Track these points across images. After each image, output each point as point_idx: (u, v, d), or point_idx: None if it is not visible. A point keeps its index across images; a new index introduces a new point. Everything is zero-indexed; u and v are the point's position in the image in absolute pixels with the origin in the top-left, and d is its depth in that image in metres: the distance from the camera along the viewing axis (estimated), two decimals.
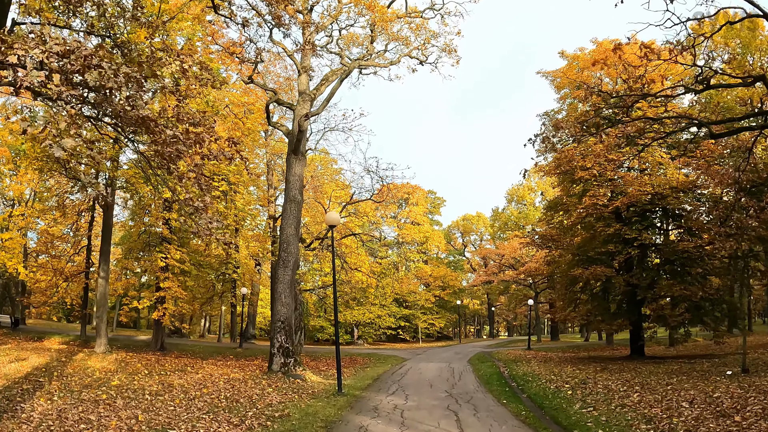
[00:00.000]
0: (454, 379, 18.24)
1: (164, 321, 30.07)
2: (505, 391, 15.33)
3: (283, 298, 19.99)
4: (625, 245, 22.47)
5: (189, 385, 16.85)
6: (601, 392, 14.31)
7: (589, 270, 21.68)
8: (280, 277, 20.31)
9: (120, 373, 20.05)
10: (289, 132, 23.79)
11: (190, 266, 32.09)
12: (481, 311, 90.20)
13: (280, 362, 19.12)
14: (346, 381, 17.80)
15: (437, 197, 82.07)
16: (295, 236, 21.12)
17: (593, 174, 22.74)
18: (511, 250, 57.40)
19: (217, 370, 22.17)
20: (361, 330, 59.15)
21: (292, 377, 18.07)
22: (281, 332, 19.48)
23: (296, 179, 22.24)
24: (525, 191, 67.96)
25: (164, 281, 29.99)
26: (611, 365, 21.92)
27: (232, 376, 19.21)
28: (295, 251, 20.85)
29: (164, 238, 30.67)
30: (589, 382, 16.12)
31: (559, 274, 26.16)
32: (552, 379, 17.49)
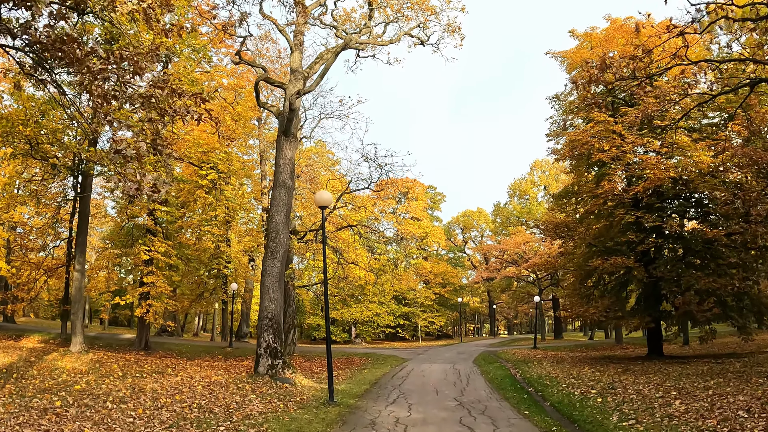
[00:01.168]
0: (462, 384, 16.21)
1: (148, 318, 28.08)
2: (522, 398, 13.30)
3: (271, 293, 17.96)
4: (647, 234, 20.48)
5: (162, 390, 14.87)
6: (635, 399, 12.31)
7: (608, 261, 19.63)
8: (268, 270, 18.29)
9: (91, 374, 18.15)
10: (279, 113, 21.79)
11: (176, 260, 30.12)
12: (481, 309, 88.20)
13: (266, 364, 17.09)
14: (340, 386, 15.78)
15: (437, 192, 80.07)
16: (284, 225, 19.10)
17: (612, 156, 20.71)
18: (515, 245, 55.36)
19: (200, 372, 20.25)
20: (359, 328, 57.06)
21: (280, 381, 16.05)
22: (269, 331, 17.46)
23: (287, 163, 20.23)
24: (528, 185, 65.96)
25: (148, 276, 28.02)
26: (632, 366, 19.94)
27: (213, 380, 17.23)
28: (284, 241, 18.84)
29: (149, 230, 28.69)
30: (617, 387, 14.12)
31: (572, 266, 24.14)
32: (573, 383, 15.48)
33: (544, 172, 66.46)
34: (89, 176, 25.50)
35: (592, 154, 21.45)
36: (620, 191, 20.53)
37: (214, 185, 30.44)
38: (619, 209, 20.57)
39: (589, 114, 23.44)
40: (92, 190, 26.54)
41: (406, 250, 65.19)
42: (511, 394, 13.95)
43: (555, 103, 27.76)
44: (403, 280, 62.33)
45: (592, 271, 22.02)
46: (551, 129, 27.13)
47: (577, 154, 22.40)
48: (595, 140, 21.27)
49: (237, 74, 33.43)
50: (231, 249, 36.62)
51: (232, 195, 30.90)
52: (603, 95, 24.92)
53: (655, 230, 21.92)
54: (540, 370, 19.57)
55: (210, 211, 30.60)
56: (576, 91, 26.81)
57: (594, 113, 22.45)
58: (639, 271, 20.11)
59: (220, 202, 30.66)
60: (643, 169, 20.80)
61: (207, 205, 31.68)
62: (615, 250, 20.78)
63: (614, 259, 19.71)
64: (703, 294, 19.64)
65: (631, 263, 19.79)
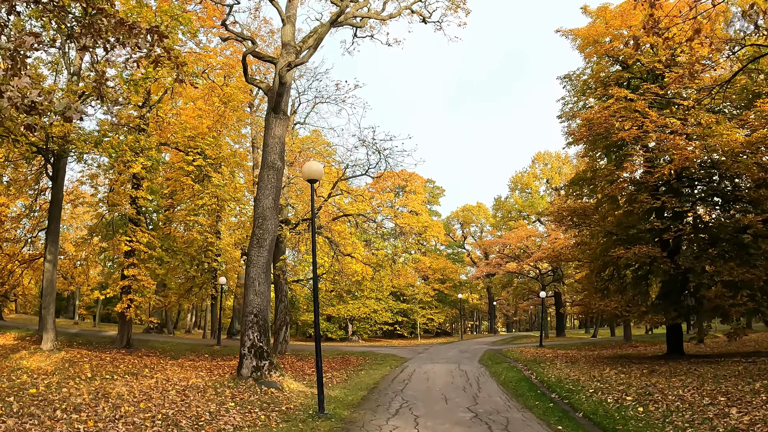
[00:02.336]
0: (473, 389, 14.23)
1: (129, 314, 26.10)
2: (548, 407, 11.31)
3: (256, 285, 15.96)
4: (673, 220, 18.54)
5: (130, 395, 12.88)
6: (682, 408, 10.38)
7: (631, 250, 17.67)
8: (253, 259, 16.28)
9: (56, 376, 16.19)
10: (269, 88, 19.80)
11: (161, 252, 28.08)
12: (480, 306, 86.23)
13: (251, 366, 15.10)
14: (333, 391, 13.79)
15: (436, 186, 77.96)
16: (273, 209, 17.10)
17: (634, 136, 18.76)
18: (517, 239, 53.35)
19: (180, 373, 18.32)
20: (355, 325, 54.95)
21: (265, 386, 14.06)
22: (254, 328, 15.47)
23: (276, 142, 18.23)
24: (530, 178, 64.01)
25: (129, 268, 26.03)
26: (656, 366, 18.03)
27: (191, 383, 15.25)
28: (272, 228, 16.83)
29: (130, 219, 26.68)
30: (654, 393, 12.19)
31: (586, 258, 22.16)
32: (600, 387, 13.53)
33: (547, 164, 64.56)
34: (62, 158, 23.44)
35: (611, 133, 19.48)
36: (643, 174, 18.58)
37: (201, 172, 28.39)
38: (642, 194, 18.61)
39: (607, 91, 21.51)
40: (65, 173, 24.39)
41: (405, 244, 63.02)
42: (532, 401, 11.97)
43: (567, 84, 25.77)
44: (401, 276, 60.32)
45: (610, 263, 20.09)
46: (563, 110, 25.17)
47: (593, 135, 20.40)
48: (615, 119, 19.33)
49: (226, 55, 31.35)
50: (221, 242, 34.62)
51: (220, 183, 28.82)
52: (619, 73, 23.01)
53: (679, 217, 20.02)
54: (557, 371, 17.63)
55: (197, 200, 28.52)
56: (591, 68, 24.94)
57: (613, 89, 20.52)
58: (664, 262, 18.15)
59: (208, 190, 28.60)
60: (667, 150, 18.88)
61: (194, 194, 29.65)
62: (638, 238, 18.84)
63: (638, 248, 17.75)
64: (732, 287, 17.76)
65: (657, 252, 17.83)
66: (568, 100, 25.11)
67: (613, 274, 21.89)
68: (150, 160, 25.16)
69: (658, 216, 20.80)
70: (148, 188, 27.32)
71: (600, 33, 23.77)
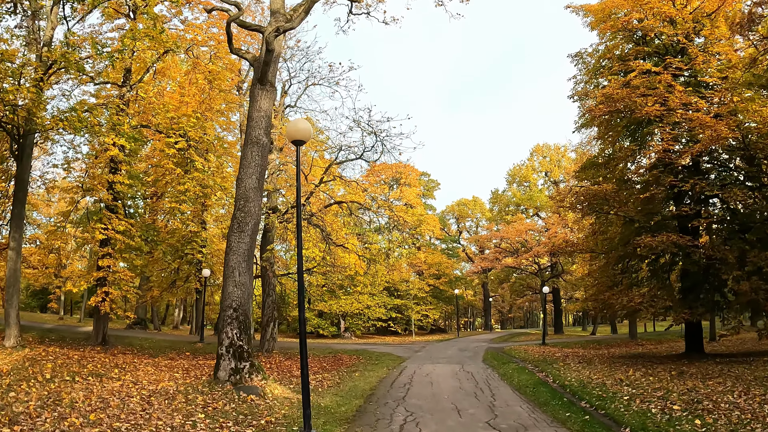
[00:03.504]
0: (486, 396, 12.27)
1: (104, 308, 23.99)
2: (583, 420, 9.34)
3: (236, 276, 13.97)
4: (702, 205, 16.72)
5: (86, 401, 10.94)
6: (744, 418, 8.58)
7: (657, 238, 15.79)
8: (233, 246, 14.29)
9: (9, 377, 14.18)
10: (255, 59, 17.77)
11: (139, 241, 25.98)
12: (474, 302, 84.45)
13: (229, 368, 13.11)
14: (323, 399, 11.81)
15: (431, 180, 75.94)
16: (256, 190, 15.10)
17: (659, 113, 16.89)
18: (516, 233, 51.48)
19: (153, 374, 16.40)
20: (348, 321, 52.89)
21: (244, 392, 12.09)
22: (233, 324, 13.48)
23: (261, 116, 16.21)
24: (528, 171, 62.10)
25: (104, 258, 23.98)
26: (683, 367, 16.21)
27: (160, 387, 13.32)
28: (255, 210, 14.84)
29: (107, 206, 24.65)
30: (701, 400, 10.36)
31: (603, 248, 20.25)
32: (633, 393, 11.64)
33: (545, 157, 62.72)
34: (29, 135, 21.27)
35: (633, 111, 17.59)
36: (669, 155, 16.72)
37: (183, 155, 26.30)
38: (668, 176, 16.75)
39: (626, 66, 19.63)
40: (32, 152, 22.29)
41: (402, 235, 60.80)
42: (562, 413, 10.01)
43: (578, 62, 23.79)
44: (395, 271, 58.36)
45: (630, 253, 18.23)
46: (575, 89, 23.24)
47: (612, 113, 18.53)
48: (636, 95, 17.45)
49: (213, 33, 29.23)
50: (207, 232, 32.59)
51: (204, 168, 26.72)
52: (637, 48, 21.13)
53: (704, 202, 18.22)
54: (574, 373, 15.76)
55: (179, 186, 26.41)
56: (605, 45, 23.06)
57: (634, 63, 18.64)
58: (694, 252, 16.29)
59: (191, 175, 26.51)
60: (692, 129, 17.04)
61: (176, 180, 27.56)
62: (662, 225, 17.00)
63: (665, 235, 15.87)
64: None
65: (685, 241, 15.95)
66: (580, 79, 23.18)
67: (629, 265, 20.06)
68: (130, 141, 23.22)
69: (677, 201, 19.01)
70: (127, 173, 25.26)
71: (617, 4, 21.85)
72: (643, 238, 16.01)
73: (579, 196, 18.95)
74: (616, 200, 17.63)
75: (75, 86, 24.72)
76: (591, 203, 18.44)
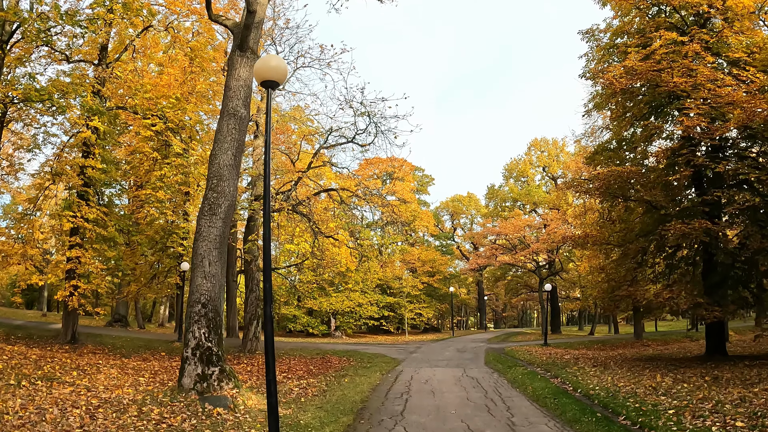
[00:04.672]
0: (500, 409, 10.26)
1: (72, 303, 21.90)
2: None
3: (206, 266, 11.92)
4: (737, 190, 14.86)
5: (17, 413, 8.99)
6: None
7: (690, 225, 13.88)
8: (203, 231, 12.23)
9: None
10: (236, 25, 15.73)
11: (113, 231, 23.87)
12: (468, 301, 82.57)
13: (195, 374, 11.05)
14: (305, 414, 9.73)
15: (425, 175, 73.92)
16: (232, 167, 13.06)
17: (688, 86, 15.00)
18: (514, 229, 49.56)
19: (114, 378, 14.42)
20: (339, 320, 50.78)
21: (211, 403, 10.06)
22: (200, 322, 11.44)
23: (240, 85, 14.17)
24: (526, 166, 60.22)
25: (72, 249, 21.92)
26: (715, 372, 14.30)
27: (115, 395, 11.33)
28: (230, 191, 12.81)
29: (78, 193, 22.61)
30: (764, 413, 8.47)
31: (618, 240, 18.29)
32: (676, 405, 9.72)
33: (543, 151, 60.92)
34: None
35: (658, 84, 15.68)
36: (700, 133, 14.83)
37: (161, 138, 24.22)
38: (699, 157, 14.84)
39: (646, 39, 17.72)
40: None
41: (396, 228, 58.59)
42: None
43: (590, 40, 21.88)
44: (388, 268, 56.34)
45: (652, 245, 16.34)
46: (586, 69, 21.31)
47: (631, 91, 16.62)
48: (662, 66, 15.55)
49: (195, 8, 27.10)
50: (190, 224, 30.43)
51: (183, 152, 24.62)
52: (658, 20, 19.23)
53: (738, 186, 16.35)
54: (594, 379, 13.83)
55: (155, 171, 24.29)
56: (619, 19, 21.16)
57: (657, 33, 16.73)
58: (727, 244, 14.42)
59: (168, 159, 24.41)
60: (720, 106, 15.15)
61: (153, 165, 25.47)
62: (692, 212, 15.12)
63: (697, 222, 13.96)
64: None
65: (720, 229, 14.05)
66: (593, 56, 21.26)
67: (644, 259, 18.17)
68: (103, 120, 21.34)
69: (699, 186, 17.16)
70: (100, 157, 23.19)
71: None
72: (674, 224, 14.08)
73: (595, 181, 16.96)
74: (641, 183, 15.70)
75: (48, 64, 22.93)
76: (610, 187, 16.50)
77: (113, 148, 27.57)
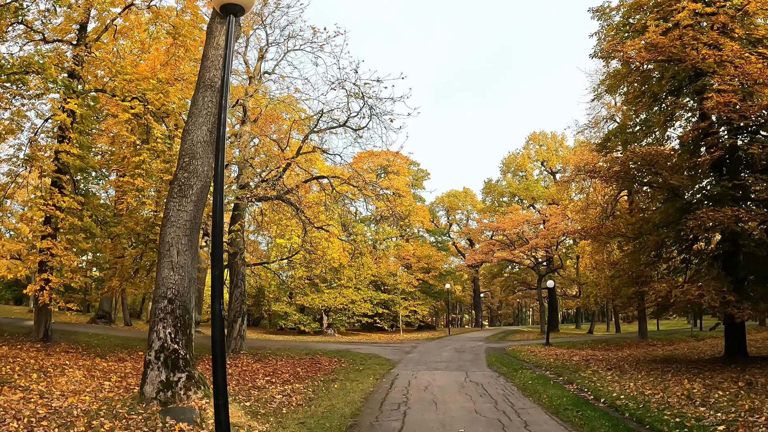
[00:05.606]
0: (516, 426, 8.58)
1: (42, 298, 20.26)
2: None
3: (174, 255, 10.30)
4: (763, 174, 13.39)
5: None
6: None
7: (720, 212, 12.39)
8: (171, 216, 10.61)
9: None
10: None
11: (89, 222, 22.25)
12: (463, 298, 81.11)
13: (158, 381, 9.45)
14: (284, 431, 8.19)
15: (420, 169, 72.24)
16: (207, 145, 11.44)
17: (715, 62, 13.52)
18: (513, 224, 48.03)
19: (77, 382, 12.94)
20: (331, 317, 49.11)
21: (174, 416, 8.46)
22: (166, 320, 9.84)
23: (219, 54, 12.54)
24: (524, 160, 58.74)
25: (43, 240, 20.35)
26: (746, 376, 12.90)
27: (68, 403, 9.86)
28: (203, 170, 11.19)
29: (52, 180, 21.09)
30: None
31: (634, 232, 16.78)
32: (724, 420, 8.23)
33: (542, 145, 59.47)
34: None
35: (682, 59, 14.17)
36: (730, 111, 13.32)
37: (140, 122, 22.51)
38: (731, 138, 13.36)
39: (666, 11, 16.19)
40: None
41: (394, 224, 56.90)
42: None
43: (600, 18, 20.38)
44: (382, 264, 54.73)
45: (673, 235, 14.84)
46: (598, 48, 19.78)
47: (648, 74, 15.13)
48: (687, 41, 14.05)
49: None
50: None
51: (163, 137, 22.91)
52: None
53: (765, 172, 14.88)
54: (615, 386, 12.29)
55: (134, 157, 22.59)
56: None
57: (679, 4, 15.21)
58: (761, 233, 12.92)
59: (148, 145, 22.71)
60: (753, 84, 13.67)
61: (133, 152, 23.80)
62: (722, 198, 13.64)
63: (729, 209, 12.46)
64: None
65: (753, 217, 12.55)
66: (604, 35, 19.75)
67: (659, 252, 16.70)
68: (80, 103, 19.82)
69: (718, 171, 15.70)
70: (77, 142, 21.62)
71: None
72: (705, 211, 12.58)
73: (614, 165, 15.38)
74: (665, 167, 14.15)
75: (25, 44, 21.43)
76: (629, 172, 14.95)
77: (95, 137, 26.04)
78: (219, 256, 5.09)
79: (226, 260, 23.50)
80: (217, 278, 4.81)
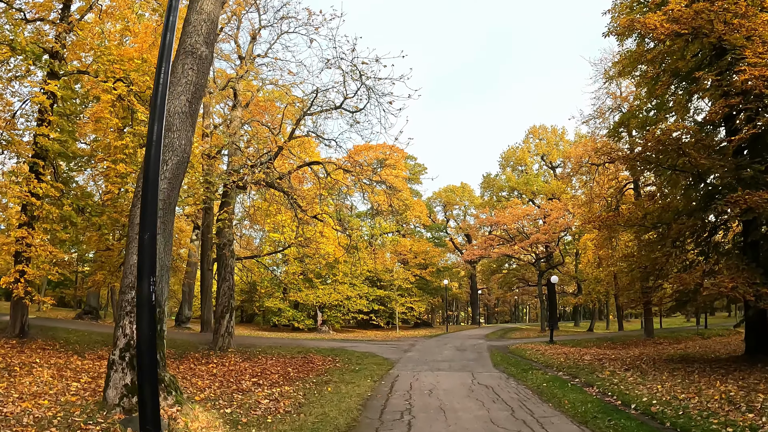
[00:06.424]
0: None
1: (16, 291, 18.85)
2: None
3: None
4: None
5: None
6: None
7: (756, 196, 11.15)
8: (141, 195, 9.27)
9: None
10: None
11: (69, 210, 20.87)
12: (460, 295, 79.86)
13: (122, 384, 8.13)
14: None
15: (417, 164, 70.80)
16: (185, 116, 10.11)
17: (745, 35, 12.26)
18: (513, 218, 46.78)
19: (42, 383, 11.64)
20: (326, 314, 47.73)
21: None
22: (133, 314, 8.54)
23: (202, 19, 11.22)
24: (524, 154, 57.50)
25: (19, 229, 19.00)
26: None
27: (23, 407, 8.66)
28: (180, 144, 9.87)
29: (31, 167, 19.75)
30: None
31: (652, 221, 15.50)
32: None
33: (542, 139, 58.25)
34: None
35: (707, 34, 12.91)
36: None
37: (123, 104, 21.14)
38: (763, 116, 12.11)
39: None
40: None
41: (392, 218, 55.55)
42: None
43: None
44: (378, 259, 53.40)
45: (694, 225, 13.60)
46: (612, 25, 18.53)
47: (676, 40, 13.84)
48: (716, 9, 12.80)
49: None
50: None
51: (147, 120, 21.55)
52: None
53: None
54: (641, 388, 11.03)
55: (116, 141, 21.20)
56: None
57: None
58: None
59: (132, 129, 21.33)
60: None
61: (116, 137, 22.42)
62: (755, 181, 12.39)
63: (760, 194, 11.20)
64: None
65: None
66: (618, 11, 18.50)
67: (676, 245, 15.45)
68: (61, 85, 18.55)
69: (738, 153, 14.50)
70: (58, 127, 20.30)
71: None
72: (740, 193, 11.32)
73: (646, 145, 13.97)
74: (695, 148, 12.83)
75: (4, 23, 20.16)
76: (656, 155, 13.66)
77: (81, 124, 24.75)
78: (153, 210, 3.81)
79: (214, 252, 22.18)
80: (147, 244, 3.54)
